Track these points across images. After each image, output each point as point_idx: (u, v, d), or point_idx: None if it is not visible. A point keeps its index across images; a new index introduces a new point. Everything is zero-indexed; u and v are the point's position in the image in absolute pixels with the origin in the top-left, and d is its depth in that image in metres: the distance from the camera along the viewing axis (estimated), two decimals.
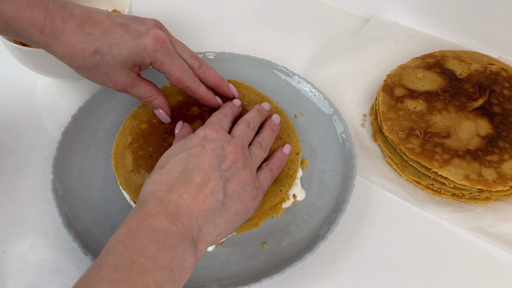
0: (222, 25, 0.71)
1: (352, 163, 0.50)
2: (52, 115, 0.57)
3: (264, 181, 0.43)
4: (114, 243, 0.32)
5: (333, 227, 0.45)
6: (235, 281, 0.42)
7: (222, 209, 0.37)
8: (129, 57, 0.43)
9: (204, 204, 0.36)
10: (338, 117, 0.54)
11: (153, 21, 0.47)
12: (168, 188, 0.36)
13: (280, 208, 0.47)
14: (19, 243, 0.46)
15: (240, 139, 0.42)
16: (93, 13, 0.42)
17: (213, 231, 0.36)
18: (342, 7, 0.74)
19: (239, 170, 0.40)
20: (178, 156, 0.38)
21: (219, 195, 0.37)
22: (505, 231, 0.49)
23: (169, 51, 0.44)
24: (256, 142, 0.45)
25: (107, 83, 0.45)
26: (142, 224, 0.33)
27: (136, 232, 0.32)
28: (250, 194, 0.40)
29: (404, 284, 0.45)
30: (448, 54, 0.60)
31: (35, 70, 0.55)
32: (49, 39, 0.41)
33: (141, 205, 0.35)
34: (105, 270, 0.30)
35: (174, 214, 0.34)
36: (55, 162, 0.48)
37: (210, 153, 0.38)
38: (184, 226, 0.34)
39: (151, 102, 0.48)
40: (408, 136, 0.52)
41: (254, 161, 0.43)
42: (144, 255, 0.31)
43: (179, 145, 0.40)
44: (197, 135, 0.41)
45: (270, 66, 0.60)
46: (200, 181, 0.37)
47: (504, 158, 0.50)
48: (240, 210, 0.39)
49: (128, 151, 0.48)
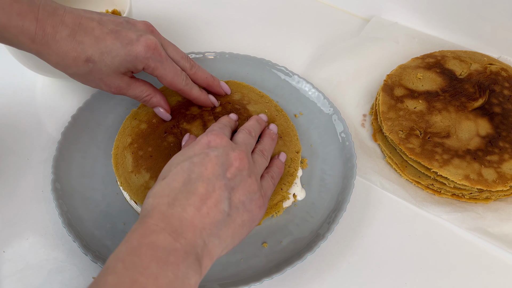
0: (222, 25, 0.71)
1: (352, 162, 0.50)
2: (52, 115, 0.57)
3: (268, 189, 0.42)
4: (114, 262, 0.31)
5: (334, 226, 0.45)
6: (236, 281, 0.42)
7: (228, 220, 0.36)
8: (121, 64, 0.43)
9: (208, 217, 0.35)
10: (337, 117, 0.54)
11: (144, 24, 0.46)
12: (171, 201, 0.34)
13: (281, 207, 0.47)
14: (19, 243, 0.46)
15: (244, 146, 0.41)
16: (83, 19, 0.42)
17: (218, 244, 0.35)
18: (342, 7, 0.74)
19: (245, 178, 0.38)
20: (180, 165, 0.37)
21: (224, 206, 0.36)
22: (505, 231, 0.49)
23: (161, 57, 0.45)
24: (258, 150, 0.44)
25: (102, 87, 0.46)
26: (143, 241, 0.32)
27: (137, 250, 0.31)
28: (256, 203, 0.39)
29: (404, 284, 0.45)
30: (448, 54, 0.60)
31: (35, 70, 0.55)
32: (41, 48, 0.41)
33: (142, 220, 0.34)
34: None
35: (177, 229, 0.33)
36: (55, 162, 0.48)
37: (214, 161, 0.37)
38: (187, 241, 0.33)
39: (149, 101, 0.48)
40: (408, 136, 0.52)
41: (258, 169, 0.42)
42: (145, 274, 0.30)
43: (181, 154, 0.39)
44: (200, 142, 0.40)
45: (269, 65, 0.60)
46: (203, 192, 0.35)
47: (504, 158, 0.50)
48: (247, 220, 0.38)
49: (128, 151, 0.48)
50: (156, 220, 0.33)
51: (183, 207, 0.34)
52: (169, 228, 0.33)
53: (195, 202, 0.35)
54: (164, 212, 0.34)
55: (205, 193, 0.35)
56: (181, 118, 0.50)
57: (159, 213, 0.34)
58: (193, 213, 0.34)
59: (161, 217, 0.33)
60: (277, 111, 0.53)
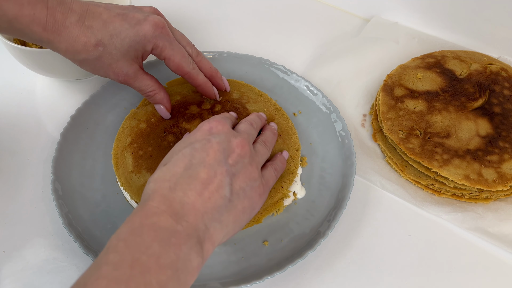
0: (222, 25, 0.71)
1: (352, 160, 0.50)
2: (52, 115, 0.57)
3: (270, 178, 0.42)
4: (115, 241, 0.31)
5: (334, 224, 0.45)
6: (237, 279, 0.42)
7: (229, 206, 0.36)
8: (130, 46, 0.43)
9: (210, 201, 0.35)
10: (337, 115, 0.54)
11: (151, 8, 0.47)
12: (172, 186, 0.34)
13: (281, 205, 0.47)
14: (19, 243, 0.46)
15: (246, 134, 0.41)
16: (90, 6, 0.43)
17: (220, 229, 0.35)
18: (342, 7, 0.74)
19: (246, 165, 0.38)
20: (182, 152, 0.37)
21: (225, 192, 0.36)
22: (505, 231, 0.49)
23: (169, 36, 0.45)
24: (261, 141, 0.44)
25: (110, 75, 0.45)
26: (145, 222, 0.32)
27: (138, 230, 0.31)
28: (257, 190, 0.39)
29: (404, 284, 0.45)
30: (448, 54, 0.60)
31: (35, 70, 0.55)
32: (51, 36, 0.41)
33: (144, 204, 0.34)
34: (105, 268, 0.29)
35: (179, 212, 0.33)
36: (54, 163, 0.48)
37: (215, 147, 0.37)
38: (189, 224, 0.33)
39: (153, 96, 0.48)
40: (408, 136, 0.52)
41: (260, 158, 0.42)
42: (147, 253, 0.30)
43: (182, 141, 0.39)
44: (201, 128, 0.40)
45: (268, 64, 0.60)
46: (205, 177, 0.35)
47: (504, 158, 0.50)
48: (247, 207, 0.38)
49: (128, 151, 0.48)
50: (157, 203, 0.33)
51: (184, 191, 0.34)
52: (171, 211, 0.33)
53: (196, 186, 0.35)
54: (166, 196, 0.34)
55: (207, 178, 0.35)
56: (181, 117, 0.50)
57: (160, 197, 0.34)
58: (195, 197, 0.34)
59: (162, 200, 0.33)
60: (276, 110, 0.53)
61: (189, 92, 0.53)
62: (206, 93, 0.50)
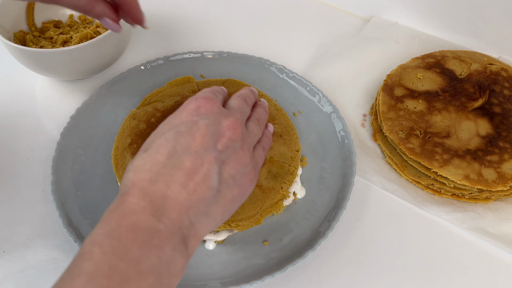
0: (222, 25, 0.71)
1: (352, 160, 0.50)
2: (52, 115, 0.57)
3: (259, 160, 0.39)
4: (89, 246, 0.27)
5: (334, 224, 0.45)
6: (237, 279, 0.42)
7: (217, 196, 0.32)
8: None
9: (195, 194, 0.31)
10: (336, 115, 0.54)
11: None
12: (153, 177, 0.31)
13: (281, 205, 0.47)
14: (19, 243, 0.46)
15: (239, 114, 0.37)
16: None
17: (206, 223, 0.32)
18: (342, 7, 0.74)
19: (237, 150, 0.34)
20: (165, 136, 0.33)
21: (213, 182, 0.32)
22: (505, 231, 0.49)
23: None
24: (254, 119, 0.40)
25: None
26: (122, 222, 0.28)
27: (115, 232, 0.28)
28: (248, 176, 0.35)
29: (404, 284, 0.45)
30: (448, 54, 0.60)
31: (35, 70, 0.55)
32: None
33: (121, 199, 0.30)
34: (78, 280, 0.25)
35: (160, 208, 0.30)
36: (54, 163, 0.48)
37: (203, 130, 0.33)
38: (172, 221, 0.29)
39: (91, 11, 0.41)
40: (408, 136, 0.52)
41: (252, 139, 0.38)
42: (125, 259, 0.27)
43: (166, 122, 0.35)
44: (187, 108, 0.35)
45: (268, 64, 0.60)
46: (190, 166, 0.31)
47: (504, 158, 0.50)
48: (237, 195, 0.34)
49: (128, 152, 0.48)
50: (136, 199, 0.30)
51: (167, 184, 0.30)
52: (151, 207, 0.29)
53: (180, 177, 0.31)
54: (146, 189, 0.30)
55: (192, 167, 0.31)
56: None
57: (139, 191, 0.30)
58: (178, 190, 0.30)
59: (142, 195, 0.30)
60: (276, 110, 0.53)
61: (189, 92, 0.53)
62: (111, 27, 0.42)
